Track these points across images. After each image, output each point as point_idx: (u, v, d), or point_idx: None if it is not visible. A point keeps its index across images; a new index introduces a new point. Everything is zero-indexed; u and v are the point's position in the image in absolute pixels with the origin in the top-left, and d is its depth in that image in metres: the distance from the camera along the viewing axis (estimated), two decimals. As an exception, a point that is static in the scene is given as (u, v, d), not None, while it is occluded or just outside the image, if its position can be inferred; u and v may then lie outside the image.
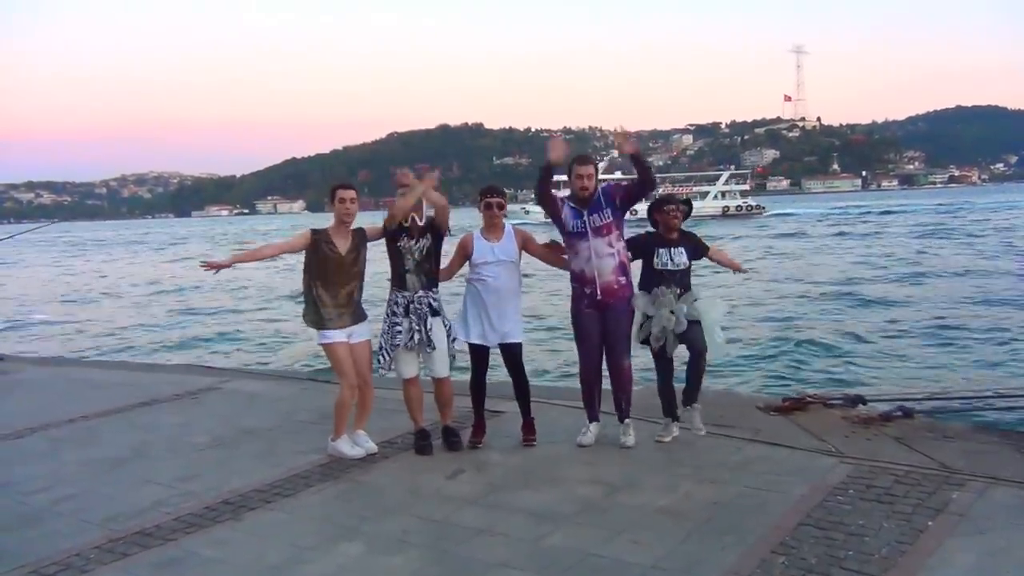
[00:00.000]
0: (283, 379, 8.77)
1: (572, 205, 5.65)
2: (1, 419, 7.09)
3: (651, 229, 5.87)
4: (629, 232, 5.80)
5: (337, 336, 5.47)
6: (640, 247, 5.75)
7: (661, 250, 5.68)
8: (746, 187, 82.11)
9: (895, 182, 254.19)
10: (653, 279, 5.67)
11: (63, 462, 5.82)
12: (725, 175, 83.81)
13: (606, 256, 5.56)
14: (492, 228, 5.72)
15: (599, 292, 5.58)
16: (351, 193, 5.51)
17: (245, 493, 4.99)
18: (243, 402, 7.45)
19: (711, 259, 5.97)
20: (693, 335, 5.57)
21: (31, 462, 5.86)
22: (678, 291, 5.60)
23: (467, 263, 5.78)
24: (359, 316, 5.63)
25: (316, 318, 5.49)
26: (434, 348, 5.54)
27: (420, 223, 5.58)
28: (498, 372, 5.98)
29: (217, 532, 4.45)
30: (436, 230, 5.66)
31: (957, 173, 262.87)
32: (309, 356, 14.15)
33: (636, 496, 4.70)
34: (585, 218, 5.56)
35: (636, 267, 5.78)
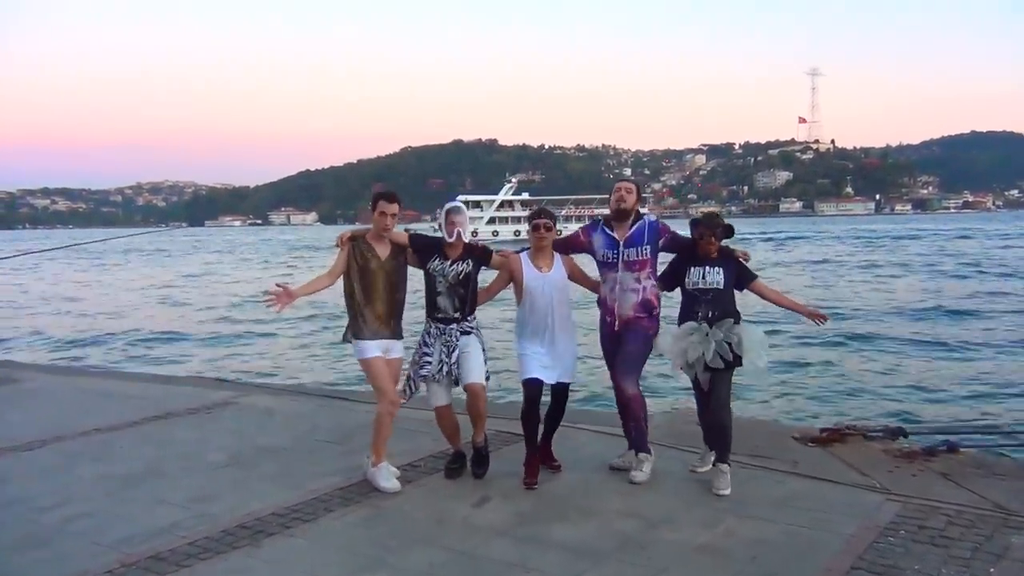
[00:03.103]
0: (299, 395, 8.56)
1: (607, 231, 5.44)
2: (13, 431, 6.90)
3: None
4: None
5: (374, 350, 5.24)
6: (674, 274, 5.41)
7: (693, 268, 5.28)
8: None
9: (909, 206, 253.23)
10: (687, 304, 5.33)
11: (76, 478, 5.62)
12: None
13: (630, 291, 5.35)
14: (541, 252, 5.44)
15: (618, 324, 5.40)
16: (394, 208, 5.25)
17: (263, 517, 4.78)
18: (259, 418, 7.25)
19: (761, 295, 5.43)
20: (716, 382, 5.18)
21: (43, 477, 5.67)
22: (711, 313, 5.17)
23: (510, 287, 5.53)
24: (397, 332, 5.40)
25: (355, 328, 5.27)
26: (457, 383, 5.31)
27: (450, 239, 5.30)
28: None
29: (234, 559, 4.24)
30: (479, 256, 5.42)
31: (971, 199, 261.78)
32: (330, 373, 14.04)
33: (676, 531, 4.47)
34: (620, 250, 5.35)
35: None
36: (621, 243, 5.35)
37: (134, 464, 5.88)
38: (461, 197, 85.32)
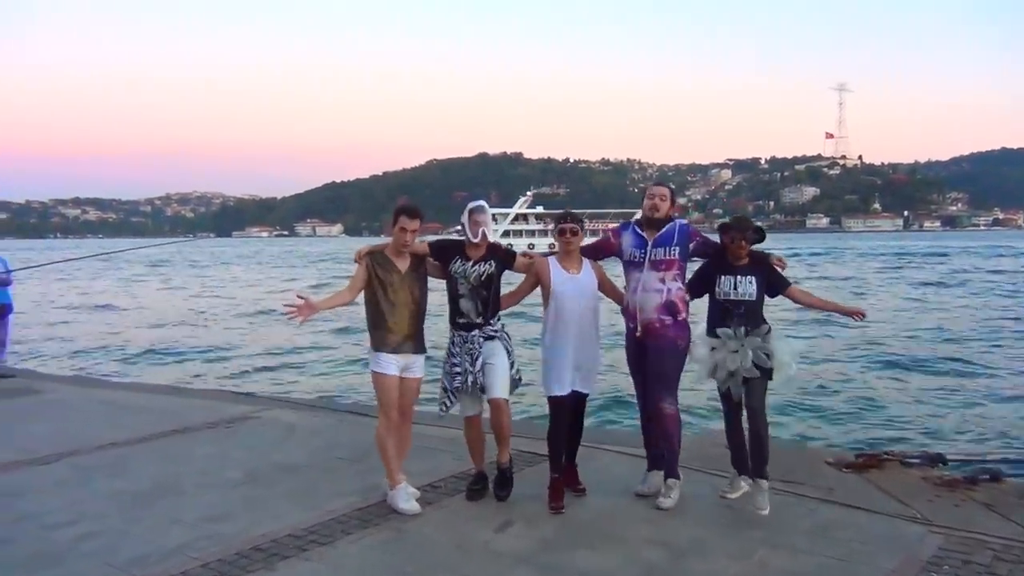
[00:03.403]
0: (321, 409, 8.44)
1: (638, 231, 5.27)
2: (29, 443, 6.83)
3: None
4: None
5: (391, 367, 5.09)
6: (702, 280, 5.21)
7: (724, 277, 5.07)
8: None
9: (938, 223, 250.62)
10: (717, 314, 5.13)
11: (89, 493, 5.51)
12: (638, 214, 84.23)
13: (652, 291, 5.13)
14: (569, 256, 5.28)
15: (640, 329, 5.18)
16: (414, 225, 5.10)
17: (278, 539, 4.63)
18: (279, 434, 7.12)
19: (795, 300, 5.24)
20: (751, 388, 4.97)
21: (57, 492, 5.56)
22: (744, 327, 4.98)
23: (536, 291, 5.36)
24: (420, 348, 5.24)
25: (376, 340, 5.13)
26: (484, 391, 5.15)
27: (475, 240, 5.14)
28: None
29: (248, 583, 4.09)
30: (502, 257, 5.27)
31: (1002, 216, 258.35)
32: (349, 386, 13.92)
33: (706, 562, 4.27)
34: (648, 249, 5.17)
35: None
36: (650, 242, 5.18)
37: (149, 480, 5.77)
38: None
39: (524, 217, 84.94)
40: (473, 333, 5.16)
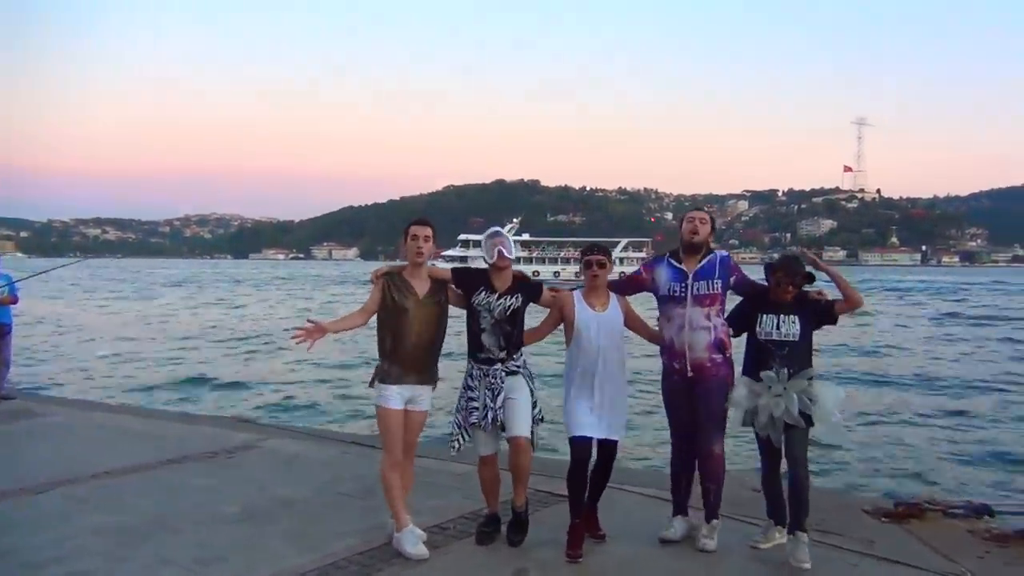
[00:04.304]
0: (324, 439, 8.10)
1: (674, 263, 4.94)
2: (22, 470, 6.52)
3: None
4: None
5: (395, 401, 4.74)
6: (742, 317, 4.88)
7: (766, 316, 4.72)
8: (643, 254, 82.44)
9: (956, 258, 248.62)
10: (757, 354, 4.76)
11: (78, 528, 5.15)
12: (623, 242, 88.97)
13: (700, 329, 4.82)
14: (595, 291, 4.94)
15: (689, 368, 4.83)
16: (426, 231, 4.81)
17: (273, 585, 4.28)
18: (280, 465, 6.78)
19: (843, 312, 4.72)
20: (793, 436, 4.62)
21: (44, 526, 5.22)
22: (787, 371, 4.62)
23: (559, 328, 5.02)
24: (428, 378, 4.88)
25: (382, 371, 4.79)
26: (504, 430, 4.79)
27: (492, 260, 4.83)
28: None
29: (236, 636, 3.74)
30: (529, 291, 4.93)
31: (1021, 252, 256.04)
32: (356, 413, 13.60)
33: (738, 624, 3.89)
34: (689, 282, 4.84)
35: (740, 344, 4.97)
36: (690, 275, 4.85)
37: (141, 515, 5.42)
38: (462, 236, 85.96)
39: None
40: (495, 367, 4.82)
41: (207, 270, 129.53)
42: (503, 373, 4.82)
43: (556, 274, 76.30)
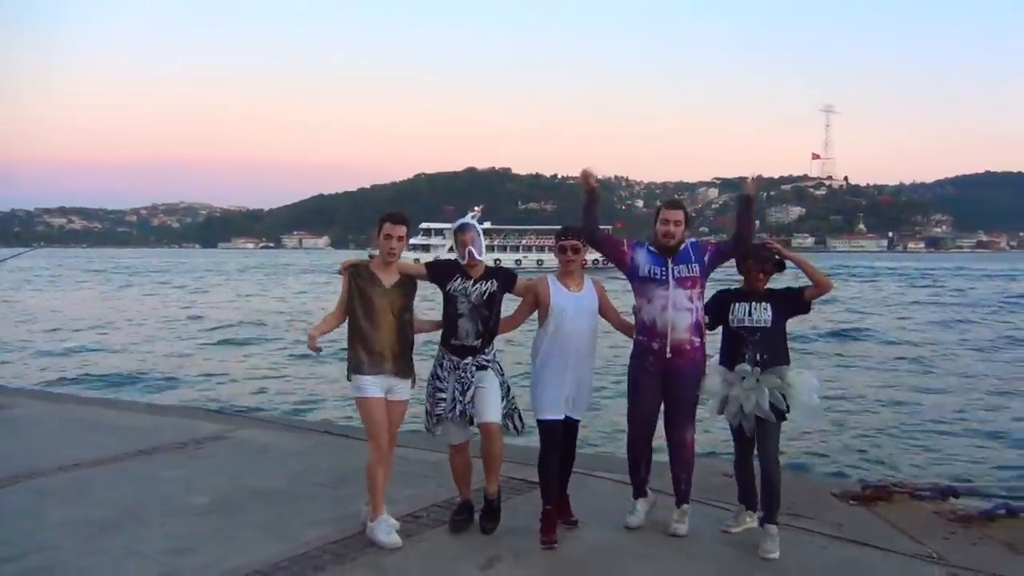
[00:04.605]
0: (297, 429, 8.04)
1: (652, 250, 4.95)
2: (-14, 463, 6.40)
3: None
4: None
5: (374, 389, 4.71)
6: (716, 307, 4.91)
7: (738, 304, 4.77)
8: None
9: (922, 244, 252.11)
10: (731, 342, 4.82)
11: (44, 522, 5.08)
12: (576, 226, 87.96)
13: (684, 310, 4.82)
14: (570, 275, 4.94)
15: (669, 349, 4.82)
16: (400, 231, 4.76)
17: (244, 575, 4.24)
18: (251, 456, 6.72)
19: (814, 296, 4.76)
20: (765, 433, 4.67)
21: (9, 521, 5.12)
22: (759, 356, 4.65)
23: (535, 313, 4.99)
24: (404, 370, 4.85)
25: (355, 363, 4.75)
26: (472, 423, 4.80)
27: (463, 262, 4.83)
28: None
29: (208, 628, 3.71)
30: (503, 279, 4.94)
31: (985, 238, 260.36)
32: (328, 403, 13.52)
33: (710, 608, 3.92)
34: (669, 266, 4.85)
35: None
36: (670, 260, 4.87)
37: (109, 507, 5.35)
38: (423, 225, 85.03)
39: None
40: (466, 360, 4.81)
41: (183, 259, 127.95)
42: (473, 368, 4.81)
43: (518, 262, 74.69)
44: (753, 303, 4.74)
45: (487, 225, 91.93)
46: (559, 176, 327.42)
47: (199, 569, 4.34)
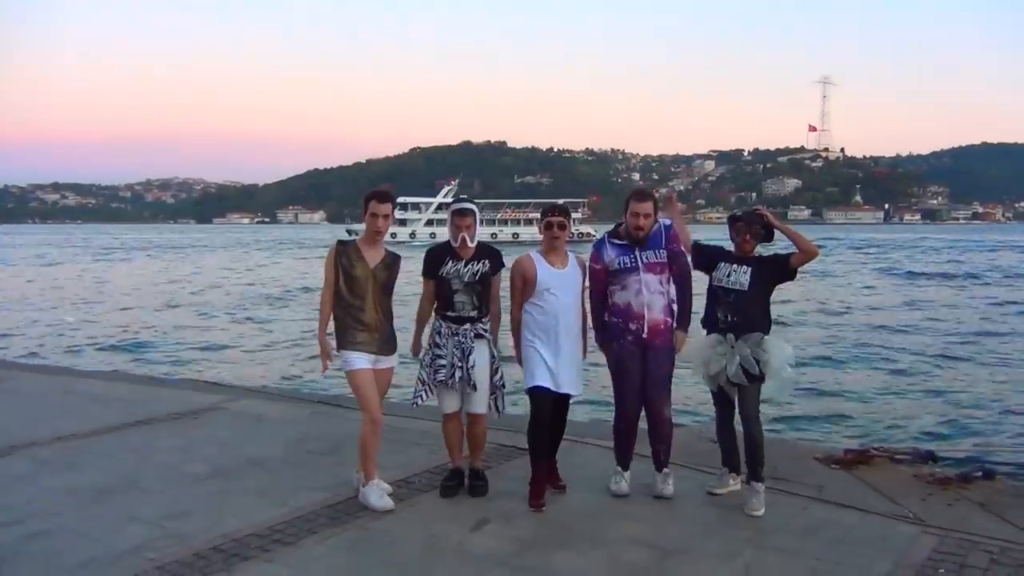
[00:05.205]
0: (293, 400, 8.16)
1: (617, 243, 5.04)
2: (-15, 434, 6.51)
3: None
4: None
5: (361, 362, 4.84)
6: (706, 256, 5.07)
7: (723, 263, 4.93)
8: (578, 215, 78.45)
9: (918, 216, 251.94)
10: (710, 301, 5.00)
11: (43, 489, 5.21)
12: (561, 204, 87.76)
13: (656, 293, 4.97)
14: (554, 251, 5.03)
15: (645, 330, 4.95)
16: (385, 208, 4.87)
17: (240, 538, 4.37)
18: (248, 426, 6.85)
19: (801, 262, 4.88)
20: (744, 396, 4.84)
21: (8, 488, 5.26)
22: (730, 317, 4.82)
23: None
24: (389, 342, 4.99)
25: (341, 339, 4.88)
26: (475, 389, 4.93)
27: (470, 244, 4.93)
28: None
29: (204, 587, 3.83)
30: (495, 259, 5.04)
31: (981, 210, 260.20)
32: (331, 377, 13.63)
33: (691, 564, 4.07)
34: (637, 254, 4.97)
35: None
36: (637, 249, 4.97)
37: (108, 475, 5.48)
38: (401, 199, 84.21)
39: (448, 207, 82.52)
40: (465, 327, 4.94)
41: (178, 235, 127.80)
42: (472, 334, 4.94)
43: (493, 236, 73.46)
44: (735, 265, 4.88)
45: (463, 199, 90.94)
46: (555, 149, 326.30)
47: (197, 532, 4.46)
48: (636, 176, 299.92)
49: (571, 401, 5.22)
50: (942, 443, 8.22)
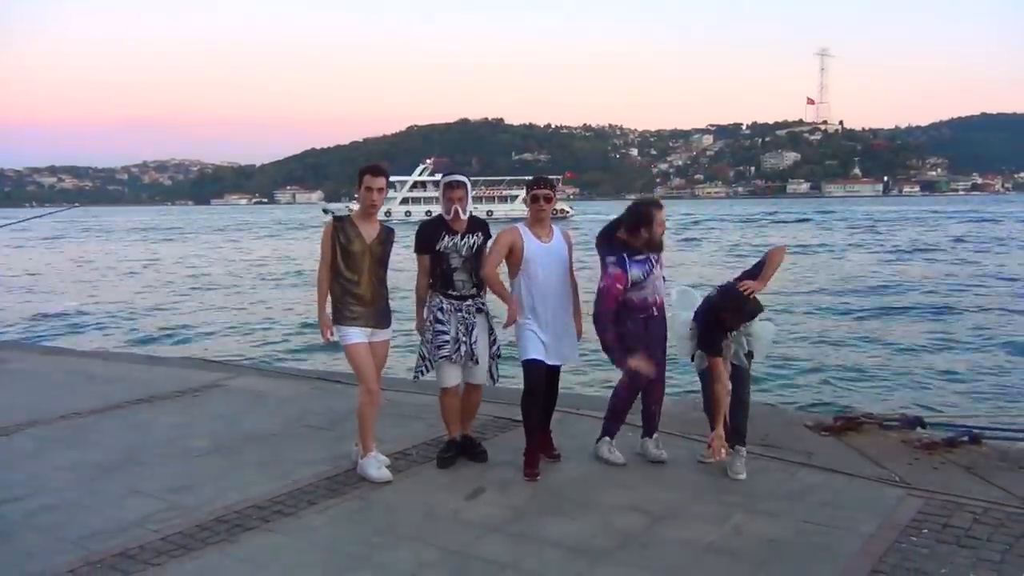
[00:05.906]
0: (292, 377, 8.27)
1: (639, 259, 5.04)
2: (-11, 413, 6.61)
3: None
4: None
5: (358, 336, 4.93)
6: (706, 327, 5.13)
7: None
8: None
9: (917, 188, 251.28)
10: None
11: (48, 466, 5.32)
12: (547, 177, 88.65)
13: (660, 278, 5.20)
14: (540, 223, 5.11)
15: (655, 311, 5.15)
16: (380, 182, 4.92)
17: (242, 510, 4.48)
18: (248, 402, 6.95)
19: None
20: (736, 379, 4.96)
21: (14, 464, 5.38)
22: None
23: (506, 263, 5.16)
24: (384, 316, 5.09)
25: (338, 313, 4.96)
26: (478, 363, 5.04)
27: (463, 216, 5.01)
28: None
29: (208, 556, 3.95)
30: (485, 230, 5.17)
31: (980, 181, 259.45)
32: (322, 352, 13.74)
33: (681, 529, 4.16)
34: (653, 262, 5.10)
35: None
36: (652, 257, 5.09)
37: (111, 451, 5.59)
38: None
39: (423, 184, 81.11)
40: (467, 303, 5.05)
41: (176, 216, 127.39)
42: (474, 309, 5.06)
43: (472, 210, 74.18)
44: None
45: (438, 177, 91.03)
46: (552, 126, 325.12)
47: (199, 505, 4.57)
48: (634, 152, 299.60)
49: (564, 370, 5.33)
50: (931, 410, 8.32)
